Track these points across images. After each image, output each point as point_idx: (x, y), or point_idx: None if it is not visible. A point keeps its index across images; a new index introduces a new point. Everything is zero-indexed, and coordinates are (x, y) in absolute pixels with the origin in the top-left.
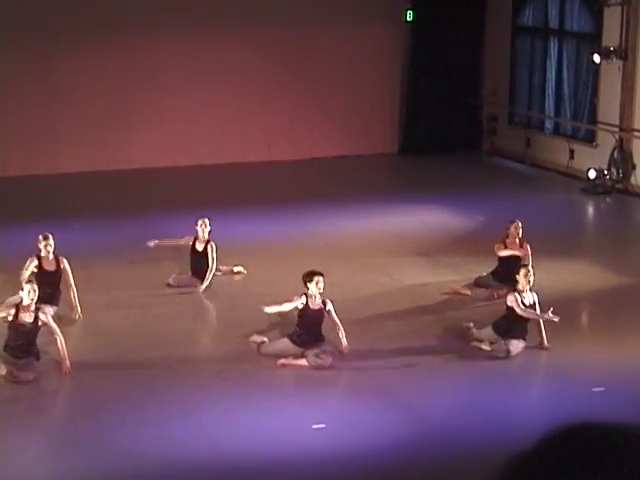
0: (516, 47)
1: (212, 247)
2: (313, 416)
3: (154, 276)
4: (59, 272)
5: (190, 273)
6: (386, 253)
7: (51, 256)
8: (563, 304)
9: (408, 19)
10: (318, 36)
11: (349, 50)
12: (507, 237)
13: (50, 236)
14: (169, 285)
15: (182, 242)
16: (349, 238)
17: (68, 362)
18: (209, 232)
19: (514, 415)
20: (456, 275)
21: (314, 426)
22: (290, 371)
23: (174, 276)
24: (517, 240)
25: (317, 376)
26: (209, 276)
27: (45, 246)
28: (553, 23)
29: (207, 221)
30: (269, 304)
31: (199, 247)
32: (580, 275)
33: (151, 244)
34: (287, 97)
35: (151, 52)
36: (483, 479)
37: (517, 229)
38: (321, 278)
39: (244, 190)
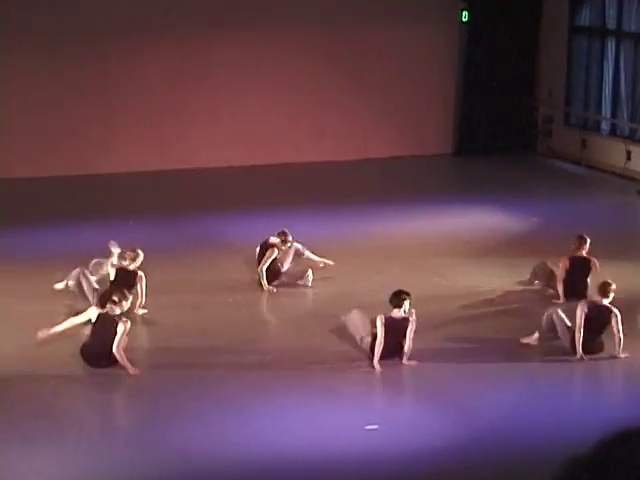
0: (572, 47)
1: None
2: (366, 417)
3: (210, 276)
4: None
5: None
6: (440, 254)
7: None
8: (622, 309)
9: (463, 19)
10: (373, 36)
11: (404, 50)
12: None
13: (140, 253)
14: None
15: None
16: (404, 239)
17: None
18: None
19: (568, 420)
20: (509, 277)
21: (367, 427)
22: (344, 372)
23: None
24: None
25: (371, 377)
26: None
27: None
28: (611, 23)
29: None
30: (329, 304)
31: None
32: (639, 279)
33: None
34: (341, 97)
35: (206, 52)
36: None
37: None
38: (408, 300)
39: (298, 190)
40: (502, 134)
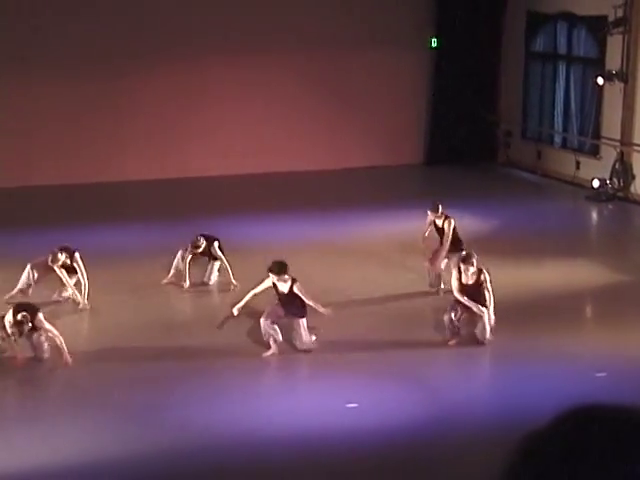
0: (529, 70)
1: None
2: (347, 396)
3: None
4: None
5: None
6: (414, 252)
7: None
8: (568, 299)
9: (433, 45)
10: (355, 59)
11: (381, 71)
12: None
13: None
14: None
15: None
16: (381, 239)
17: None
18: None
19: (526, 398)
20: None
21: (348, 405)
22: (324, 357)
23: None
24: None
25: (352, 360)
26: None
27: None
28: (562, 49)
29: None
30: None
31: None
32: (584, 273)
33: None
34: (325, 112)
35: (206, 72)
36: (496, 457)
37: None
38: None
39: (286, 196)
40: (467, 146)
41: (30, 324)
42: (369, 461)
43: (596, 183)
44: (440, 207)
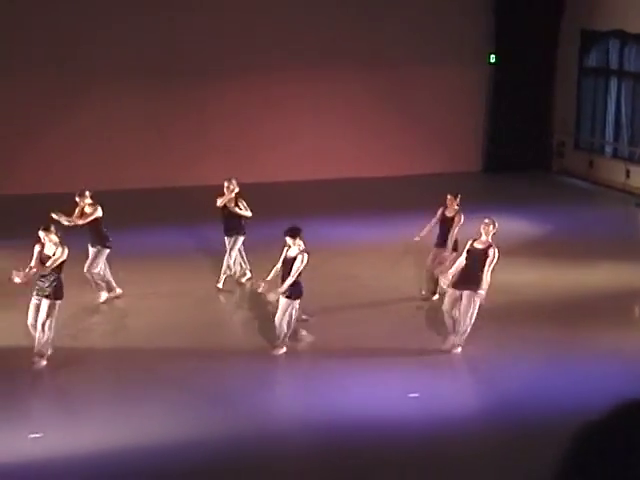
0: (582, 84)
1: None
2: (410, 386)
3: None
4: None
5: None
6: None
7: None
8: (620, 299)
9: (491, 61)
10: (417, 74)
11: (442, 85)
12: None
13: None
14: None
15: None
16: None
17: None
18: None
19: (581, 393)
20: (528, 273)
21: (410, 395)
22: (393, 348)
23: None
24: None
25: (411, 352)
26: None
27: None
28: (613, 65)
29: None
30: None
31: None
32: (635, 275)
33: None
34: (390, 124)
35: (282, 84)
36: (555, 447)
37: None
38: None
39: (353, 201)
40: (523, 155)
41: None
42: (434, 450)
43: None
44: (459, 199)
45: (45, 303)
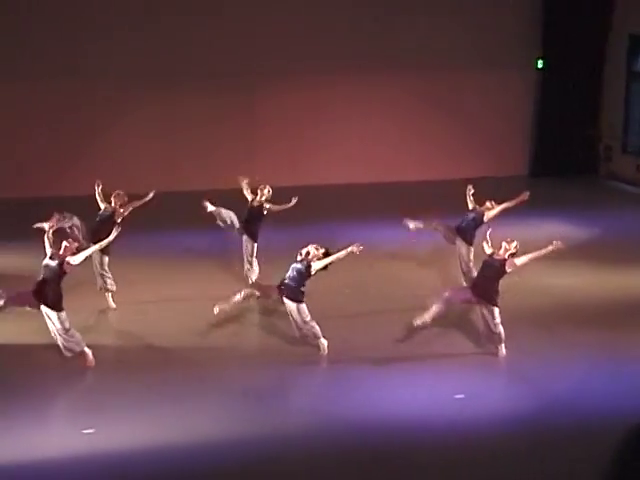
0: (630, 88)
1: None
2: (456, 388)
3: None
4: None
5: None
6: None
7: None
8: None
9: (539, 66)
10: (465, 79)
11: (490, 90)
12: None
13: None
14: None
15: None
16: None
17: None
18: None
19: (620, 395)
20: (577, 276)
21: (456, 396)
22: (430, 350)
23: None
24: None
25: (456, 353)
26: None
27: None
28: None
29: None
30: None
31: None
32: None
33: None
34: (437, 128)
35: (332, 87)
36: (604, 448)
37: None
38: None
39: (402, 204)
40: (570, 159)
41: None
42: (481, 449)
43: None
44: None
45: (53, 315)
